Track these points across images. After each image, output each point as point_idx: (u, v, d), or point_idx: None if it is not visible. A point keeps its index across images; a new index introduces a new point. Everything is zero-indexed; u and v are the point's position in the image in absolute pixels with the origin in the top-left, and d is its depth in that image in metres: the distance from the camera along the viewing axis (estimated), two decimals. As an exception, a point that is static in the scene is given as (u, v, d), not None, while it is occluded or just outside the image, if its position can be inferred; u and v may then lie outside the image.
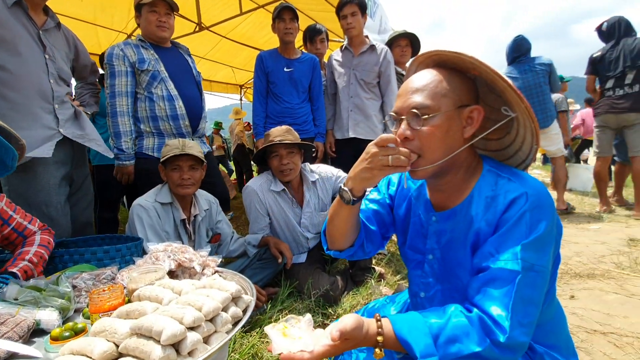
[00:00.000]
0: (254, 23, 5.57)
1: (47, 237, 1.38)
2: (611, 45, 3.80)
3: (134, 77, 2.13)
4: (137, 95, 2.15)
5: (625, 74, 3.67)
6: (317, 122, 2.75)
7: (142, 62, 2.11)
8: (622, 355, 1.45)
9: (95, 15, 4.97)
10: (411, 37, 3.19)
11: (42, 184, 1.70)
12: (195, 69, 2.37)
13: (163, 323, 0.73)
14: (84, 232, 1.97)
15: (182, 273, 1.17)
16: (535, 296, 0.76)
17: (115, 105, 2.09)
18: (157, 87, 2.13)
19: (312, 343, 0.71)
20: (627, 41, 3.67)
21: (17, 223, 1.33)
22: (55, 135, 1.76)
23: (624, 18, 3.80)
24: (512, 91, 0.82)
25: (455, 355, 0.72)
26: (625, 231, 3.25)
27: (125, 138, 2.09)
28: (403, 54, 3.19)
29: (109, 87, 2.10)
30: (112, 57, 2.10)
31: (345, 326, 0.71)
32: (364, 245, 1.07)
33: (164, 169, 1.89)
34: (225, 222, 2.19)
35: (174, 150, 1.81)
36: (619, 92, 3.71)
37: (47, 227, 1.44)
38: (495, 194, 0.85)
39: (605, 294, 2.02)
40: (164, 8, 2.14)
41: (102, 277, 1.19)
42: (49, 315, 0.97)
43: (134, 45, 2.15)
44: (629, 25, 3.76)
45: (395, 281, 2.25)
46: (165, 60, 2.19)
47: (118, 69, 2.09)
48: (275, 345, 0.71)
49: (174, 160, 1.82)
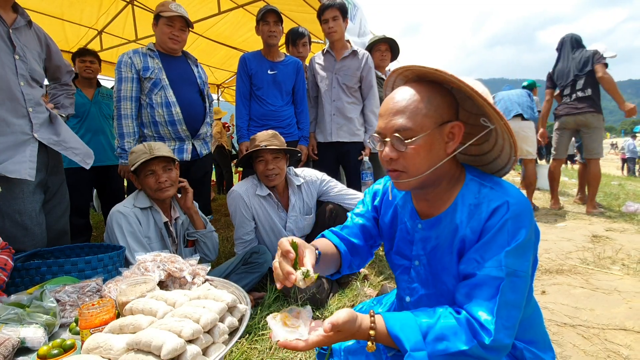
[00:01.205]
0: (232, 22, 5.50)
1: (4, 257, 1.27)
2: (561, 59, 4.29)
3: (139, 83, 2.31)
4: (141, 102, 2.34)
5: (576, 81, 4.08)
6: (300, 126, 2.76)
7: (145, 70, 2.28)
8: (590, 345, 1.57)
9: (63, 10, 4.73)
10: (390, 42, 3.28)
11: (16, 192, 1.61)
12: (200, 78, 2.53)
13: (163, 337, 0.72)
14: (60, 241, 1.88)
15: (172, 283, 1.15)
16: (518, 300, 0.82)
17: (121, 109, 2.27)
18: (158, 93, 2.29)
19: (307, 333, 0.77)
20: (574, 54, 4.15)
21: None
22: (30, 141, 1.68)
23: (572, 35, 4.30)
24: (490, 108, 0.85)
25: (442, 352, 0.77)
26: (589, 228, 3.49)
27: (128, 139, 2.26)
28: (383, 58, 3.27)
29: (116, 91, 2.28)
30: (121, 64, 2.28)
31: (337, 319, 0.75)
32: (352, 265, 1.12)
33: (136, 177, 1.84)
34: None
35: (142, 156, 1.78)
36: (574, 96, 4.13)
37: (8, 246, 1.34)
38: (479, 202, 0.90)
39: (572, 288, 2.16)
40: (179, 23, 2.34)
41: (87, 290, 1.15)
42: (34, 333, 0.94)
43: (142, 53, 2.33)
44: (578, 40, 4.23)
45: (379, 282, 2.30)
46: (169, 68, 2.36)
47: (125, 75, 2.27)
48: (275, 333, 0.77)
49: (146, 166, 1.78)
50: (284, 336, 0.75)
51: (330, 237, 1.14)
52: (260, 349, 1.54)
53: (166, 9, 2.30)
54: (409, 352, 0.76)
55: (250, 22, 5.38)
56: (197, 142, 2.48)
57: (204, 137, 2.54)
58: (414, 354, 0.76)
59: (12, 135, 1.63)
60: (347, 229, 1.16)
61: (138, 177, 1.84)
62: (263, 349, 1.53)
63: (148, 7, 5.04)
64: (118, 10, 5.00)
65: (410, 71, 0.95)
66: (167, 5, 2.32)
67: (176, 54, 2.45)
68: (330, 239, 1.13)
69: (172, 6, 2.32)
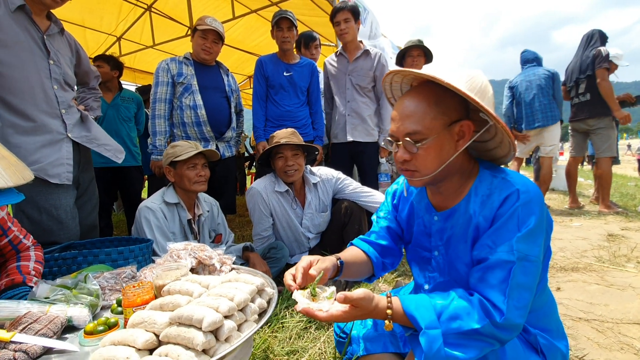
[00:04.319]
0: (245, 27, 5.63)
1: (40, 253, 1.37)
2: (574, 57, 4.21)
3: (173, 87, 2.54)
4: (173, 104, 2.56)
5: (578, 84, 4.05)
6: (315, 126, 2.84)
7: (179, 76, 2.51)
8: (604, 339, 1.58)
9: (84, 17, 4.92)
10: (424, 48, 3.26)
11: (52, 188, 1.72)
12: (229, 86, 2.72)
13: (203, 312, 0.80)
14: (90, 234, 1.99)
15: (202, 270, 1.23)
16: (529, 282, 0.86)
17: (155, 109, 2.51)
18: (187, 97, 2.51)
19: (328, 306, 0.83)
20: (585, 53, 4.04)
21: (14, 236, 1.32)
22: (64, 140, 1.79)
23: (592, 31, 4.13)
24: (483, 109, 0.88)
25: (456, 330, 0.82)
26: (605, 227, 3.46)
27: (160, 137, 2.47)
28: (414, 64, 3.25)
29: (153, 94, 2.53)
30: (159, 70, 2.52)
31: (352, 294, 0.81)
32: (385, 265, 1.20)
33: (172, 169, 1.94)
34: (223, 225, 2.25)
35: (188, 150, 1.91)
36: (576, 100, 4.13)
37: (38, 244, 1.43)
38: (491, 192, 0.94)
39: (587, 285, 2.17)
40: (212, 36, 2.55)
41: (123, 276, 1.24)
42: (80, 312, 1.02)
43: (178, 61, 2.55)
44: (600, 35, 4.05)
45: (393, 278, 2.34)
46: (201, 76, 2.57)
47: (161, 80, 2.51)
48: (300, 303, 0.84)
49: (190, 159, 1.91)
50: (307, 304, 0.82)
51: (359, 244, 1.21)
52: (280, 338, 1.60)
53: (202, 23, 2.52)
54: (423, 330, 0.81)
55: (264, 26, 5.50)
56: (221, 144, 2.65)
57: (229, 140, 2.72)
58: (428, 331, 0.81)
59: (49, 135, 1.74)
60: (374, 234, 1.22)
61: (175, 169, 1.95)
62: (283, 338, 1.60)
63: (165, 14, 5.20)
64: (136, 16, 5.18)
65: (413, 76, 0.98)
66: (204, 20, 2.53)
67: (209, 64, 2.66)
68: (359, 246, 1.20)
69: (208, 20, 2.53)
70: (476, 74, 0.95)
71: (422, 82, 0.96)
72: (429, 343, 0.80)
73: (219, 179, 2.62)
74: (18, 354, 0.84)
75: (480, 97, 0.90)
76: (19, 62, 1.68)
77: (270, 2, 4.64)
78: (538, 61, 4.43)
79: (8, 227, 1.30)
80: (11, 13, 1.68)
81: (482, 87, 0.93)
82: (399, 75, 1.00)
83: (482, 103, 0.87)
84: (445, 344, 0.81)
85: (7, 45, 1.65)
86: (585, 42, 4.12)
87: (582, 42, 4.16)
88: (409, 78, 1.01)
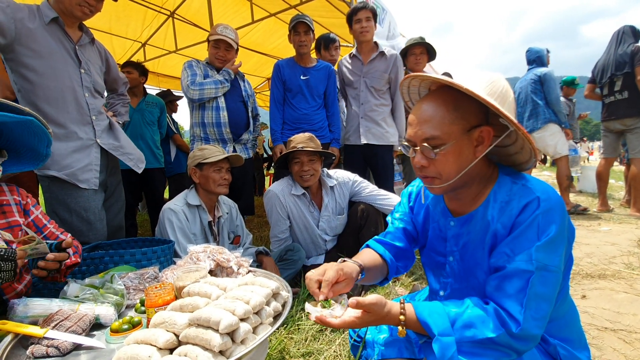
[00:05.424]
0: (264, 30, 5.71)
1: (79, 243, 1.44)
2: (604, 54, 4.02)
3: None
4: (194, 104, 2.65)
5: (614, 81, 3.86)
6: (332, 128, 2.85)
7: (206, 77, 2.61)
8: (631, 350, 1.52)
9: (111, 24, 5.13)
10: (426, 45, 3.23)
11: (82, 191, 1.82)
12: (245, 91, 2.80)
13: (220, 314, 0.83)
14: (116, 235, 2.08)
15: (220, 272, 1.27)
16: (548, 293, 0.83)
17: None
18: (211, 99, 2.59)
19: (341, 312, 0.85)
20: (619, 49, 3.85)
21: (49, 232, 1.40)
22: (93, 146, 1.88)
23: (625, 27, 3.96)
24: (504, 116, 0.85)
25: (470, 339, 0.81)
26: (635, 232, 3.30)
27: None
28: (417, 62, 3.23)
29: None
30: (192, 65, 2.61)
31: (364, 299, 0.82)
32: (398, 269, 1.19)
33: (198, 170, 2.00)
34: (241, 227, 2.31)
35: (216, 153, 2.01)
36: (611, 98, 3.93)
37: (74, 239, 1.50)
38: (510, 199, 0.92)
39: (615, 293, 2.08)
40: (224, 45, 2.63)
41: (147, 277, 1.30)
42: (107, 311, 1.08)
43: (203, 65, 2.68)
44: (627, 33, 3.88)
45: (410, 282, 2.33)
46: None
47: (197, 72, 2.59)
48: (312, 313, 0.86)
49: (217, 163, 2.00)
50: (320, 313, 0.84)
51: (375, 246, 1.20)
52: (296, 340, 1.63)
53: (213, 32, 2.59)
54: (437, 337, 0.81)
55: (282, 29, 5.57)
56: (238, 146, 2.72)
57: (245, 142, 2.79)
58: (442, 338, 0.81)
59: (79, 141, 1.84)
60: (390, 235, 1.21)
61: (201, 171, 2.03)
62: (299, 340, 1.62)
63: (187, 20, 5.36)
64: (160, 23, 5.36)
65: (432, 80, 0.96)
66: (215, 29, 2.60)
67: None
68: (375, 248, 1.19)
69: (219, 29, 2.59)
70: (496, 78, 0.93)
71: (441, 85, 0.95)
72: (442, 350, 0.80)
73: (236, 181, 2.68)
74: (50, 350, 0.90)
75: (500, 102, 0.88)
76: (52, 71, 1.78)
77: (288, 5, 4.69)
78: (540, 60, 4.30)
79: (44, 225, 1.39)
80: (45, 25, 1.78)
81: (503, 92, 0.91)
82: (416, 79, 1.00)
83: (502, 109, 0.85)
84: (459, 352, 0.81)
85: (42, 55, 1.75)
86: (616, 39, 3.95)
87: (613, 39, 3.99)
88: (427, 82, 0.99)
